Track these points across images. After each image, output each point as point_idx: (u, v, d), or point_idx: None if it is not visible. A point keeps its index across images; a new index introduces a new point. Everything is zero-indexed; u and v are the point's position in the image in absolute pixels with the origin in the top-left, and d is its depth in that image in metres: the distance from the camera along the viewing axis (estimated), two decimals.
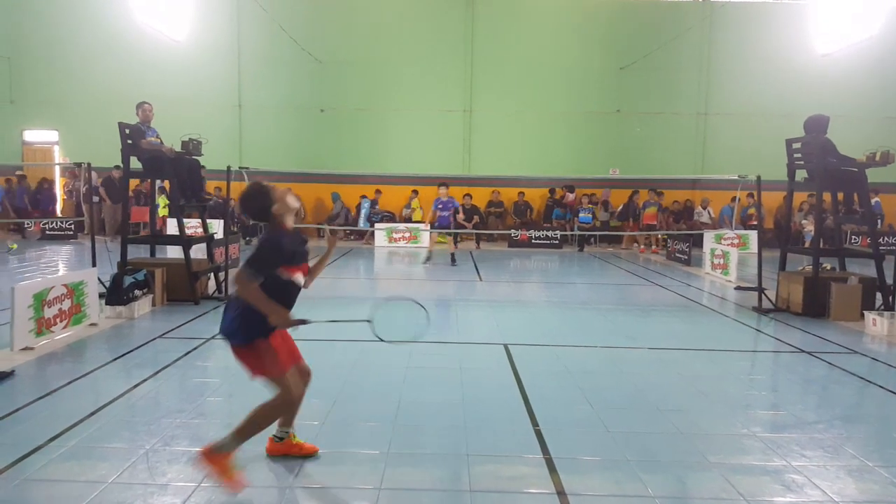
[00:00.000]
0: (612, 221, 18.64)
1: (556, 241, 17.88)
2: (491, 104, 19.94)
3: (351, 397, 4.94)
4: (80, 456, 3.75)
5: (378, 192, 19.16)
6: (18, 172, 19.13)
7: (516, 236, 18.01)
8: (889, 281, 8.48)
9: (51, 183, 19.67)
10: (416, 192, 19.08)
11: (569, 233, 18.30)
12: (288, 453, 3.76)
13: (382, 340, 3.96)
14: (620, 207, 18.70)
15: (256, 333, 3.48)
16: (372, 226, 18.20)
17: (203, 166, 9.64)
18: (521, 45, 19.74)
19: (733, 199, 18.43)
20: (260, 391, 4.93)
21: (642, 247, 17.91)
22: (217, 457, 3.32)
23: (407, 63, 19.72)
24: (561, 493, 3.43)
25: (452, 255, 13.73)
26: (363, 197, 18.96)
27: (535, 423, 4.42)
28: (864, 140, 10.86)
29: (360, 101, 19.81)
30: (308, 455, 3.78)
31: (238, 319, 3.43)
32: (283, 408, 3.58)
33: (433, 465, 3.76)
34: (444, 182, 13.97)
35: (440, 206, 13.50)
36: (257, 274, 3.41)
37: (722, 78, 19.81)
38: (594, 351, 6.62)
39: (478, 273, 12.52)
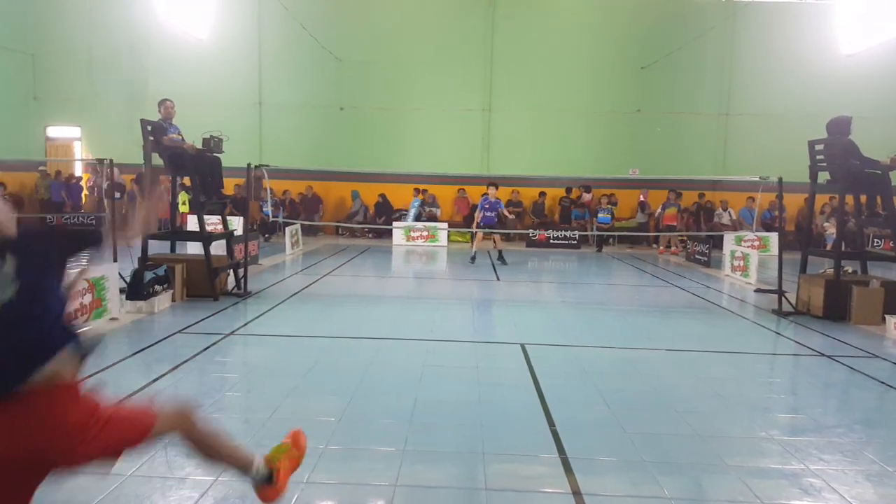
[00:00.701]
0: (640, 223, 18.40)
1: (575, 242, 17.81)
2: (510, 104, 19.90)
3: (367, 395, 4.96)
4: None
5: (424, 191, 19.10)
6: (41, 168, 19.44)
7: (534, 236, 17.96)
8: None
9: (78, 179, 19.96)
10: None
11: (588, 233, 18.22)
12: None
13: None
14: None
15: None
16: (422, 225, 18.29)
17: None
18: (542, 44, 19.68)
19: (749, 199, 18.27)
20: (277, 388, 4.98)
21: (661, 248, 17.79)
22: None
23: (426, 62, 19.74)
24: (577, 493, 3.42)
25: (500, 252, 13.75)
26: (415, 195, 18.94)
27: (551, 423, 4.41)
28: (889, 142, 10.72)
29: (380, 99, 19.87)
30: None
31: None
32: None
33: (449, 463, 3.76)
34: (493, 182, 13.89)
35: (486, 206, 13.43)
36: None
37: (744, 78, 19.60)
38: (611, 351, 6.59)
39: (495, 272, 12.51)
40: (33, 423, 2.08)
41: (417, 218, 18.54)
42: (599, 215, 18.28)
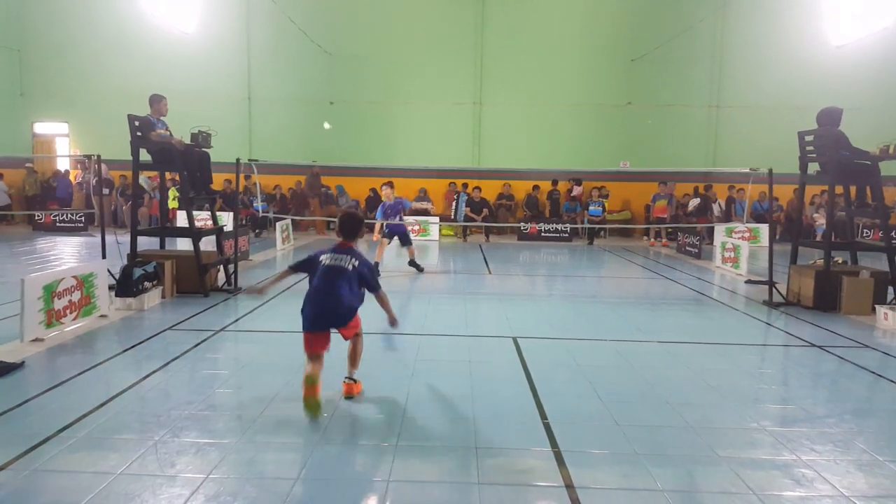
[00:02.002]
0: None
1: (566, 235, 17.83)
2: (501, 97, 19.88)
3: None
4: (90, 447, 3.77)
5: (477, 187, 18.90)
6: (28, 165, 19.30)
7: (526, 229, 17.96)
8: None
9: (66, 174, 19.83)
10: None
11: (579, 226, 18.23)
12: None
13: None
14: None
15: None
16: (465, 220, 18.10)
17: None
18: (532, 37, 19.66)
19: (738, 190, 18.34)
20: (268, 384, 4.96)
21: (652, 240, 17.84)
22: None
23: (417, 56, 19.69)
24: (570, 486, 3.42)
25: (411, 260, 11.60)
26: (459, 191, 18.83)
27: (543, 417, 4.41)
28: (878, 132, 10.76)
29: (370, 93, 19.80)
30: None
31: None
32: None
33: (442, 458, 3.75)
34: (388, 181, 12.17)
35: (389, 212, 11.52)
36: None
37: (735, 70, 19.65)
38: (603, 344, 6.59)
39: (487, 266, 12.50)
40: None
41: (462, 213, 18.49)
42: (590, 208, 18.32)
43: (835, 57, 19.16)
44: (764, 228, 16.42)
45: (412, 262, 11.45)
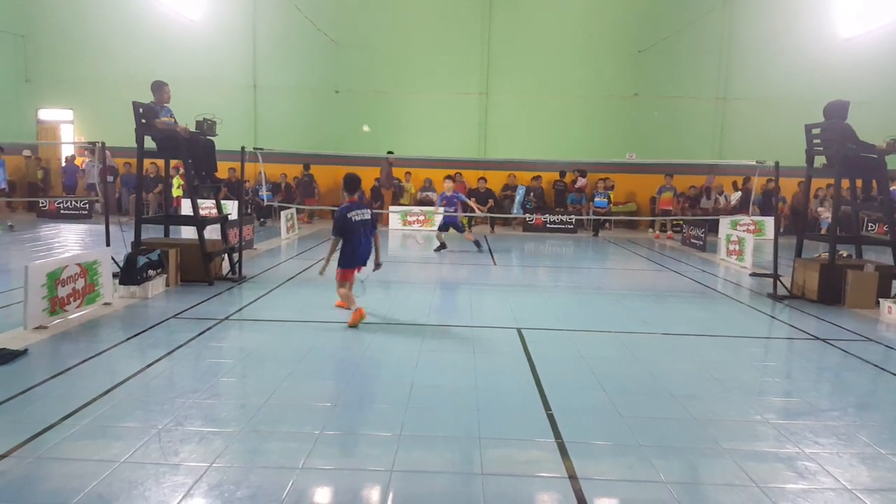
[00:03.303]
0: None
1: (571, 226, 17.79)
2: (507, 87, 19.78)
3: (364, 380, 4.95)
4: (93, 435, 3.78)
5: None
6: (25, 152, 19.30)
7: (531, 220, 17.93)
8: None
9: (71, 160, 19.86)
10: (409, 173, 19.15)
11: (584, 217, 18.19)
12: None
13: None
14: (738, 195, 18.24)
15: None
16: (525, 213, 18.08)
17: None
18: (539, 27, 19.53)
19: (744, 183, 18.26)
20: (273, 373, 4.97)
21: (657, 232, 17.80)
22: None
23: (423, 45, 19.59)
24: (573, 477, 3.42)
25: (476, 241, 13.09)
26: (519, 186, 18.80)
27: (547, 408, 4.41)
28: (885, 126, 10.69)
29: (376, 83, 19.73)
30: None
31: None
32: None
33: (446, 448, 3.76)
34: (449, 175, 13.58)
35: (444, 203, 13.14)
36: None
37: (742, 62, 19.51)
38: (608, 336, 6.58)
39: (492, 257, 12.49)
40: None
41: (522, 206, 18.42)
42: (596, 199, 18.26)
43: (843, 50, 19.00)
44: (769, 221, 16.35)
45: (475, 242, 12.96)
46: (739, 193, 18.31)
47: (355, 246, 6.84)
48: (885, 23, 18.13)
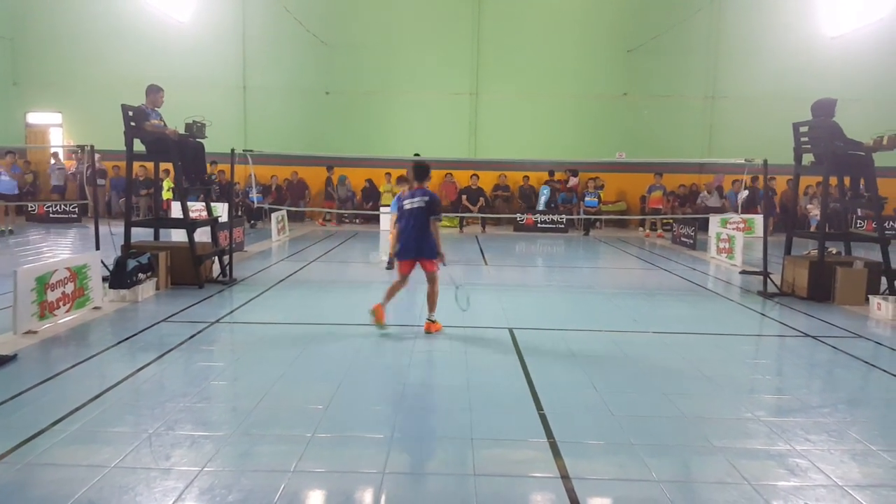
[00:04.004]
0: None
1: (562, 226, 17.83)
2: (497, 87, 19.81)
3: (356, 381, 4.94)
4: (83, 440, 3.75)
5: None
6: (9, 155, 19.13)
7: (522, 220, 17.95)
8: (894, 265, 8.43)
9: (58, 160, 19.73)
10: (388, 174, 19.16)
11: (575, 217, 18.23)
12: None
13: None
14: (746, 194, 18.21)
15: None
16: (549, 212, 18.14)
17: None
18: (528, 28, 19.57)
19: (733, 182, 18.36)
20: (264, 376, 4.95)
21: (647, 231, 17.86)
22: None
23: (413, 46, 19.59)
24: (565, 476, 3.42)
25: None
26: (545, 184, 18.83)
27: (539, 407, 4.41)
28: (873, 123, 10.74)
29: (366, 83, 19.71)
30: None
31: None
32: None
33: (438, 449, 3.75)
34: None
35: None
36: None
37: (731, 61, 19.61)
38: (599, 335, 6.60)
39: (483, 257, 12.49)
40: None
41: (548, 205, 18.39)
42: (586, 199, 18.30)
43: (830, 48, 19.13)
44: (758, 219, 16.43)
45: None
46: (747, 192, 18.33)
47: (400, 234, 6.55)
48: (870, 21, 18.28)
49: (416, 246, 6.45)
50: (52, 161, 19.42)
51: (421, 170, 6.54)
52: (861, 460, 3.71)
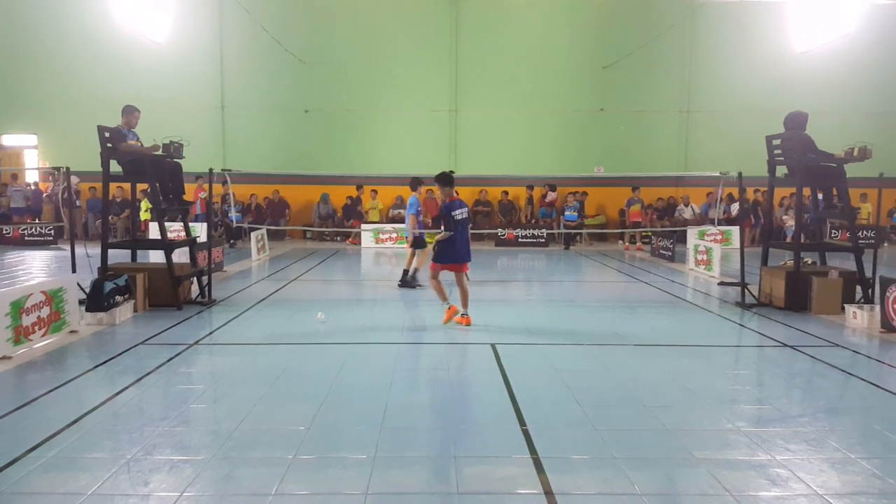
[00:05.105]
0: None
1: (543, 240, 17.92)
2: (476, 104, 19.95)
3: (337, 401, 4.90)
4: (60, 467, 3.68)
5: (585, 194, 19.02)
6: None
7: (503, 235, 18.03)
8: (868, 274, 8.57)
9: (35, 185, 19.48)
10: (374, 191, 19.23)
11: (555, 231, 18.33)
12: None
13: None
14: (737, 205, 18.19)
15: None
16: (574, 227, 18.21)
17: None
18: (505, 45, 19.78)
19: (709, 194, 18.59)
20: (244, 397, 4.90)
21: (627, 244, 18.00)
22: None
23: (392, 63, 19.69)
24: (549, 492, 3.42)
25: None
26: (567, 198, 18.79)
27: (522, 423, 4.41)
28: (843, 135, 10.96)
29: (346, 101, 19.74)
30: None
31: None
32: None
33: (421, 468, 3.73)
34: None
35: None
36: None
37: (703, 76, 19.96)
38: (581, 349, 6.62)
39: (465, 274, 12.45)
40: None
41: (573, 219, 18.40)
42: (566, 213, 18.42)
43: (799, 62, 19.57)
44: (735, 231, 16.63)
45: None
46: (737, 204, 18.49)
47: (452, 242, 7.43)
48: (837, 36, 18.73)
49: (468, 251, 7.66)
50: (11, 183, 19.00)
51: (451, 178, 7.74)
52: (840, 468, 3.75)
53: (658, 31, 19.09)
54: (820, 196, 9.91)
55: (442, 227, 7.49)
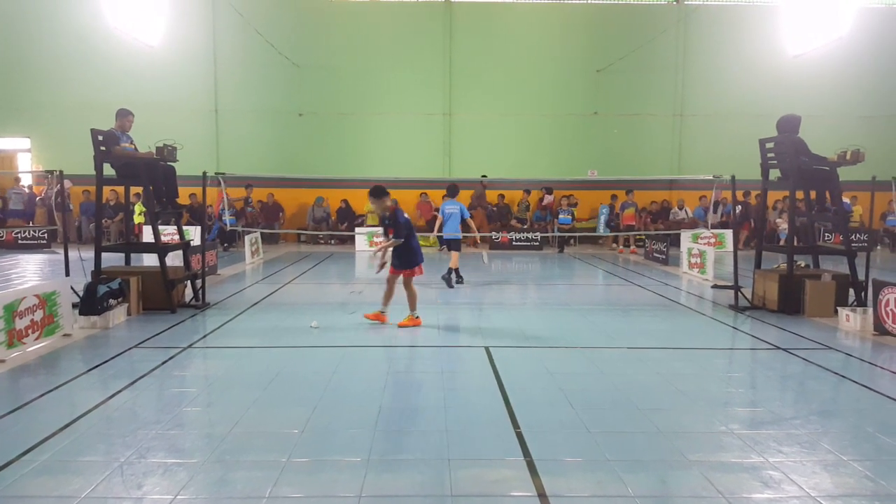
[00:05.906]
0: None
1: (537, 243, 17.95)
2: (470, 108, 19.99)
3: (331, 404, 4.90)
4: (53, 470, 3.67)
5: (614, 196, 18.94)
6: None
7: (497, 238, 18.04)
8: (861, 277, 8.62)
9: (29, 188, 19.41)
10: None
11: (549, 234, 18.36)
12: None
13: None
14: (738, 208, 18.18)
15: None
16: (611, 232, 18.16)
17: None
18: (499, 49, 19.83)
19: (702, 197, 18.66)
20: (238, 401, 4.89)
21: (621, 247, 18.05)
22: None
23: (386, 67, 19.72)
24: (542, 495, 3.42)
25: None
26: (602, 205, 18.85)
27: (516, 426, 4.41)
28: (836, 138, 11.03)
29: (340, 105, 19.76)
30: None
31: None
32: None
33: (415, 471, 3.73)
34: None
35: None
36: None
37: (697, 80, 20.05)
38: (575, 352, 6.63)
39: (459, 275, 12.47)
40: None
41: (607, 224, 18.37)
42: (560, 216, 18.46)
43: (792, 66, 19.67)
44: (728, 234, 16.70)
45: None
46: (739, 207, 18.54)
47: (411, 246, 7.92)
48: (830, 40, 18.84)
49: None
50: (14, 185, 19.01)
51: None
52: (833, 471, 3.77)
53: (651, 34, 19.18)
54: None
55: (391, 236, 7.67)
